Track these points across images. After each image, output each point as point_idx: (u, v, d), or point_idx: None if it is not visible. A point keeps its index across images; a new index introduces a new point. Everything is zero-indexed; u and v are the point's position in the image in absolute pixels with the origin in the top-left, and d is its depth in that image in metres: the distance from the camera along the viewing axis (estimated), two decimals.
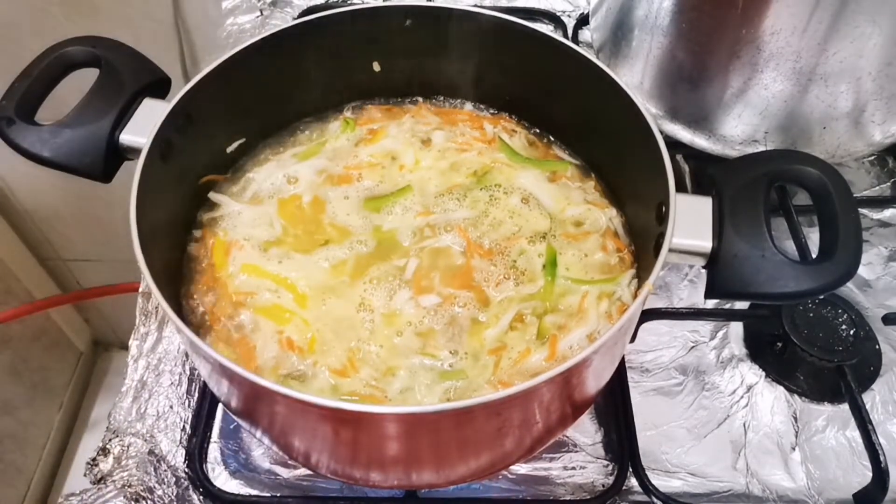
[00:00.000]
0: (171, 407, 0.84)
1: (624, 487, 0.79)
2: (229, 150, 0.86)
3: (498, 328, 0.73)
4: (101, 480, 0.78)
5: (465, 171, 0.85)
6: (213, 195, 0.83)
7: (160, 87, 0.78)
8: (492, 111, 0.94)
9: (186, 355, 0.88)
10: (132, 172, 0.68)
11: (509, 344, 0.72)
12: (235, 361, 0.57)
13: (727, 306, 0.93)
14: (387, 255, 0.78)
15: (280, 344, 0.72)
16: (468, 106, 0.94)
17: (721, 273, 0.65)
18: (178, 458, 0.81)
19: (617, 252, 0.80)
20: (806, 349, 0.84)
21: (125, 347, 0.93)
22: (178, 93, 0.74)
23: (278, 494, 0.79)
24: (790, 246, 0.93)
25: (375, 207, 0.82)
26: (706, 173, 0.70)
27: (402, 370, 0.70)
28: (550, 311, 0.75)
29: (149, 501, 0.77)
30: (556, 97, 0.87)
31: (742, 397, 0.86)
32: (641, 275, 0.78)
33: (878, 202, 1.03)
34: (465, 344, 0.72)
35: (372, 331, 0.73)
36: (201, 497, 0.78)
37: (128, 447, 0.81)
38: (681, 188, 0.67)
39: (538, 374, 0.57)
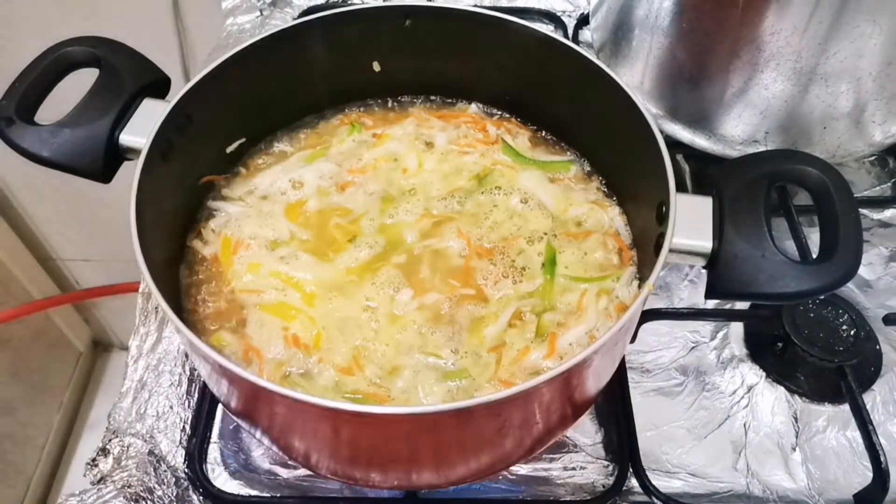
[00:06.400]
0: (171, 407, 0.84)
1: (624, 488, 0.78)
2: (229, 150, 0.86)
3: (497, 326, 0.73)
4: (100, 481, 0.78)
5: (468, 175, 0.85)
6: (211, 203, 0.83)
7: (160, 87, 0.78)
8: (492, 111, 0.94)
9: (186, 355, 0.88)
10: (132, 172, 0.68)
11: (509, 342, 0.72)
12: (238, 360, 0.57)
13: (728, 306, 0.93)
14: (390, 256, 0.79)
15: (286, 340, 0.72)
16: (473, 108, 0.94)
17: (721, 273, 0.65)
18: (177, 458, 0.81)
19: (617, 251, 0.80)
20: (806, 349, 0.84)
21: (125, 347, 0.93)
22: (178, 93, 0.74)
23: (278, 495, 0.79)
24: (790, 246, 0.93)
25: (380, 210, 0.82)
26: (706, 173, 0.70)
27: (407, 369, 0.70)
28: (549, 308, 0.75)
29: (148, 502, 0.77)
30: (557, 97, 0.87)
31: (742, 398, 0.86)
32: (642, 275, 0.78)
33: (879, 202, 1.03)
34: (465, 342, 0.72)
35: (377, 330, 0.73)
36: (201, 497, 0.78)
37: (127, 447, 0.81)
38: (681, 188, 0.67)
39: (539, 371, 0.57)
